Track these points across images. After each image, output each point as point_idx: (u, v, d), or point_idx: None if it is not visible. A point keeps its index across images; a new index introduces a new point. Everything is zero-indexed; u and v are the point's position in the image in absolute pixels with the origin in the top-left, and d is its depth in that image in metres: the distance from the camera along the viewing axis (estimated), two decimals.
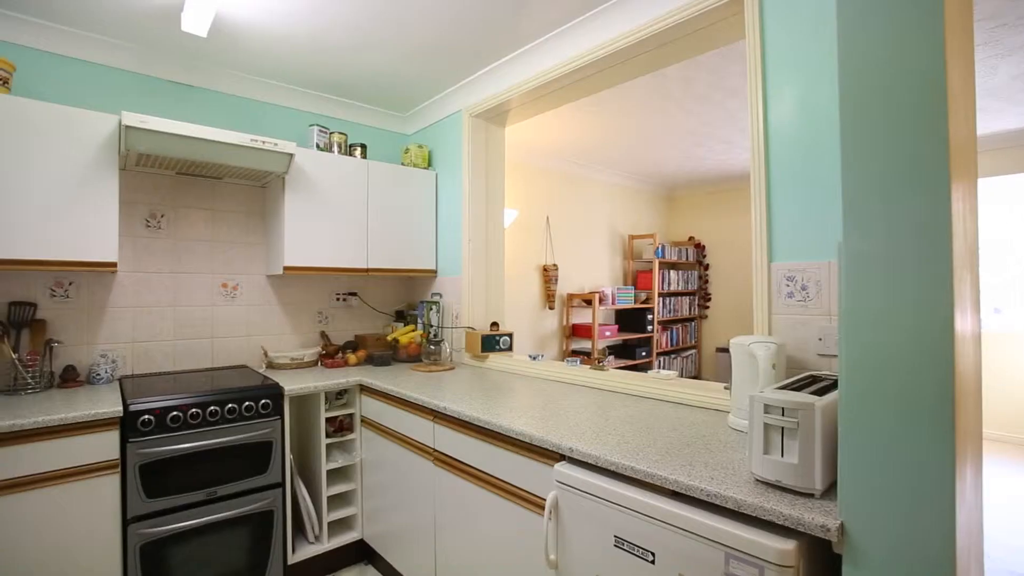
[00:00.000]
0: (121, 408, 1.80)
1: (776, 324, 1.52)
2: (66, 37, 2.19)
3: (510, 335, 2.64)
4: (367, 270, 2.73)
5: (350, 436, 2.41)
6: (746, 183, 5.59)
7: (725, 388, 1.71)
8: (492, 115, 2.74)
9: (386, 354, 2.73)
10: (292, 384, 2.21)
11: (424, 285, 3.15)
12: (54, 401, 1.86)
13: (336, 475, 2.49)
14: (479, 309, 2.77)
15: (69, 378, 2.15)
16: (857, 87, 0.86)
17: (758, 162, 1.56)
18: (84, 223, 1.98)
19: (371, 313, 3.16)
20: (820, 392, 1.04)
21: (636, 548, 1.14)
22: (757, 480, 1.05)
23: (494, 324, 2.71)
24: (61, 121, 1.94)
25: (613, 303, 5.07)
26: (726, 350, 5.58)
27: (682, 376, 2.79)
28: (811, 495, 0.97)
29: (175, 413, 1.89)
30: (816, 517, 0.89)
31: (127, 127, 1.93)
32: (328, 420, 2.37)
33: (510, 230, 4.36)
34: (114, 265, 2.05)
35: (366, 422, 2.36)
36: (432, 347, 2.64)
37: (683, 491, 1.08)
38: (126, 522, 1.80)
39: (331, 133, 2.74)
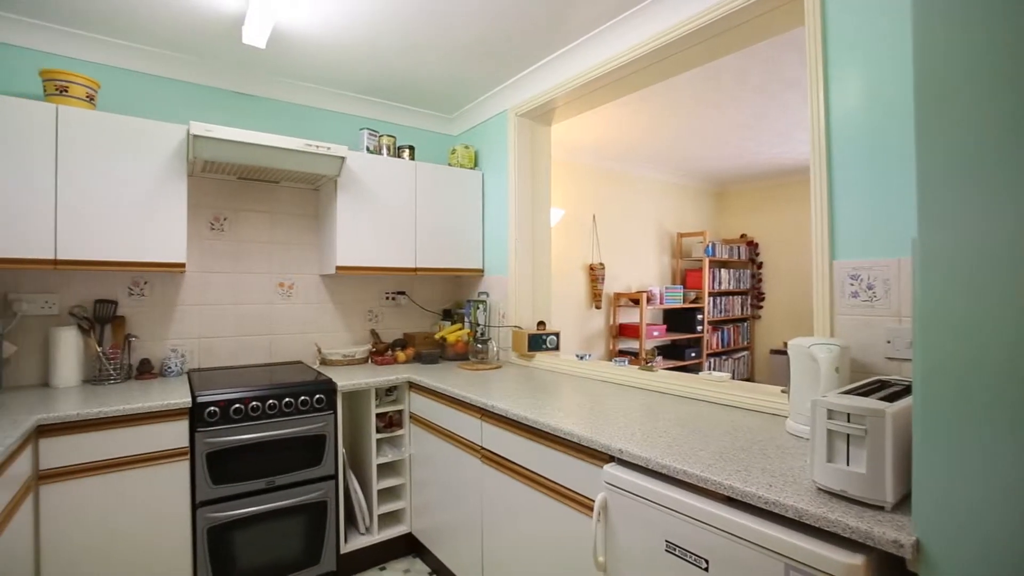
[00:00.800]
0: (190, 399, 1.91)
1: (839, 325, 1.44)
2: (141, 54, 2.35)
3: (557, 334, 2.62)
4: (415, 269, 2.79)
5: (399, 432, 2.47)
6: (804, 177, 5.33)
7: (782, 392, 1.64)
8: (538, 114, 2.74)
9: (434, 352, 2.78)
10: (344, 380, 2.29)
11: (471, 284, 3.19)
12: (132, 391, 2.01)
13: (386, 469, 2.56)
14: (526, 308, 2.77)
15: (144, 370, 2.31)
16: (936, 54, 0.79)
17: (818, 154, 1.48)
18: (157, 227, 2.12)
19: (419, 312, 3.22)
20: (890, 398, 0.98)
21: (688, 554, 1.11)
22: (819, 489, 1.00)
23: (541, 323, 2.70)
24: (139, 133, 2.09)
25: (661, 302, 4.95)
26: (781, 352, 5.35)
27: (734, 378, 2.69)
28: (881, 507, 0.91)
29: (237, 405, 2.00)
30: (887, 532, 0.83)
31: (194, 136, 2.06)
32: (378, 416, 2.44)
33: (556, 229, 4.34)
34: (183, 266, 2.18)
35: (415, 418, 2.41)
36: (479, 346, 2.67)
37: (739, 497, 1.04)
38: (195, 506, 1.92)
39: (380, 136, 2.82)
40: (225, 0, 1.96)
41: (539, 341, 2.58)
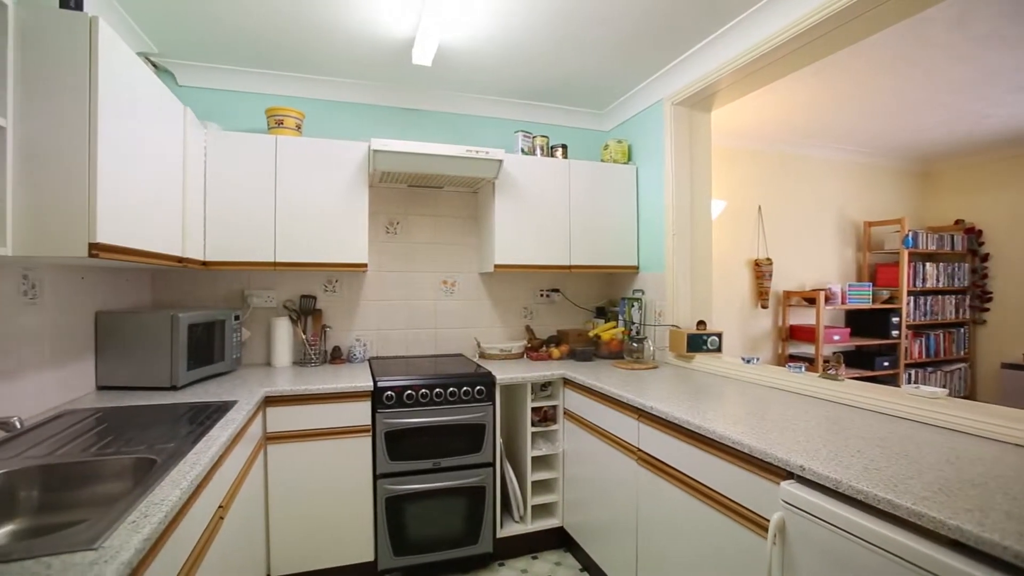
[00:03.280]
0: (372, 384, 2.18)
1: None
2: (332, 85, 2.74)
3: (719, 335, 2.43)
4: (569, 267, 2.81)
5: (553, 427, 2.51)
6: None
7: None
8: (696, 101, 2.55)
9: (588, 350, 2.77)
10: (502, 374, 2.40)
11: (625, 281, 3.11)
12: (328, 374, 2.35)
13: (539, 463, 2.63)
14: (684, 307, 2.62)
15: (336, 356, 2.68)
16: None
17: None
18: (346, 232, 2.45)
19: (572, 309, 3.24)
20: None
21: None
22: None
23: (701, 323, 2.52)
24: (334, 152, 2.44)
25: (843, 302, 4.29)
26: (1021, 367, 4.27)
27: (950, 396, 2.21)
28: None
29: (410, 391, 2.21)
30: None
31: (375, 151, 2.33)
32: (533, 410, 2.50)
33: (716, 222, 4.02)
34: (365, 266, 2.49)
35: (568, 414, 2.43)
36: (634, 344, 2.59)
37: (972, 544, 0.84)
38: (375, 477, 2.18)
39: (534, 137, 2.89)
40: (398, 28, 2.18)
41: (699, 341, 2.42)
